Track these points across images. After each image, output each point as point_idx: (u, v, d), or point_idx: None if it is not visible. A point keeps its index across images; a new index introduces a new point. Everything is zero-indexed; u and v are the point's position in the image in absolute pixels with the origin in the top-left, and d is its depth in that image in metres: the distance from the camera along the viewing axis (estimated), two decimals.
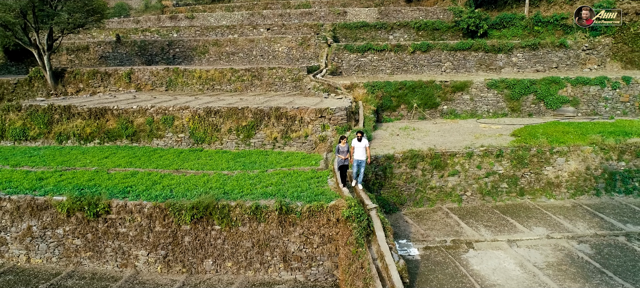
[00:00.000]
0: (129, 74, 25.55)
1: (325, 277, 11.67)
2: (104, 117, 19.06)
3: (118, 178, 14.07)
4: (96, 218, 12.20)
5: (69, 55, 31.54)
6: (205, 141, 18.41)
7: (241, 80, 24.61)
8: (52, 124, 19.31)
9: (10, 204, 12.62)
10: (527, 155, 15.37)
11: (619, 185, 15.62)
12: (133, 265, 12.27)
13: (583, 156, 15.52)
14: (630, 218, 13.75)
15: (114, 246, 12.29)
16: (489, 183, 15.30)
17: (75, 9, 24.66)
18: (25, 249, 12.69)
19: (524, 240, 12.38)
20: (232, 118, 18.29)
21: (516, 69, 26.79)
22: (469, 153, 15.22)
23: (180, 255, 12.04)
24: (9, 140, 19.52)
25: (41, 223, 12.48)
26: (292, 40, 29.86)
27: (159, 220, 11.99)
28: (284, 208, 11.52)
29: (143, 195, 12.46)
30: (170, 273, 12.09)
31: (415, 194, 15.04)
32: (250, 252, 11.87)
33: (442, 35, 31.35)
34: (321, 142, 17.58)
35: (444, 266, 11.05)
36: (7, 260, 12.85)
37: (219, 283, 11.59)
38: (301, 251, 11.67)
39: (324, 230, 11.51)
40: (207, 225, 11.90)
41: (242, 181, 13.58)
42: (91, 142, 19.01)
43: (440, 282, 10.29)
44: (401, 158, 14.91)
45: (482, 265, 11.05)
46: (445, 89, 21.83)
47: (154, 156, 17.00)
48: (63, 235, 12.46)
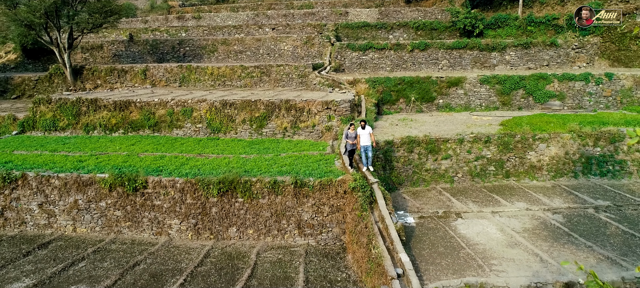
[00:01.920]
0: (145, 70, 27.70)
1: (334, 242, 13.82)
2: (128, 109, 21.20)
3: (148, 160, 16.22)
4: (134, 193, 14.34)
5: (84, 54, 33.70)
6: (221, 131, 20.57)
7: (250, 77, 26.78)
8: (79, 115, 21.45)
9: (58, 181, 14.77)
10: (512, 141, 17.55)
11: (595, 168, 17.79)
12: (167, 233, 14.41)
13: (562, 142, 17.71)
14: (601, 196, 15.92)
15: (150, 216, 14.43)
16: (478, 166, 17.47)
17: (95, 10, 26.82)
18: (72, 220, 14.82)
19: (505, 211, 14.55)
20: (246, 109, 20.46)
21: (509, 67, 28.98)
22: (460, 139, 17.41)
23: (209, 224, 14.19)
24: (40, 131, 21.64)
25: (86, 197, 14.62)
26: (297, 39, 32.04)
27: (189, 194, 14.13)
28: (298, 182, 13.68)
29: (174, 173, 14.62)
30: (199, 240, 14.24)
31: (412, 176, 17.21)
32: (269, 221, 14.01)
33: (440, 35, 33.59)
34: (327, 131, 19.75)
35: (435, 230, 13.21)
36: (55, 230, 14.99)
37: (242, 247, 13.73)
38: (313, 219, 13.82)
39: (333, 201, 13.67)
40: (231, 198, 14.05)
41: (259, 162, 15.74)
42: (116, 132, 21.16)
43: (431, 242, 12.45)
44: (399, 144, 17.09)
45: (468, 230, 13.21)
46: (441, 84, 24.03)
47: (175, 143, 19.15)
48: (105, 208, 14.60)
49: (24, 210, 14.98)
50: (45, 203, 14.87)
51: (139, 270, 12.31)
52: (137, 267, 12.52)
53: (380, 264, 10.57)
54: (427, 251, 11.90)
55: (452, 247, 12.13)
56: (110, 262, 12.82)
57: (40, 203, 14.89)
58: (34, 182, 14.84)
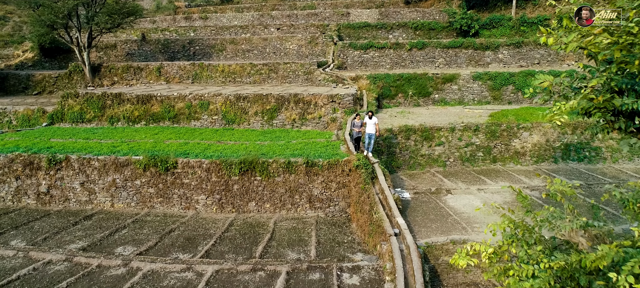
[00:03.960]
0: (159, 68, 30.15)
1: (340, 214, 16.27)
2: (149, 103, 23.66)
3: (174, 146, 18.66)
4: (166, 172, 16.78)
5: (98, 53, 36.15)
6: (235, 122, 23.03)
7: (259, 73, 29.24)
8: (105, 108, 23.90)
9: (98, 162, 17.21)
10: (498, 129, 20.03)
11: (573, 154, 20.27)
12: (194, 207, 16.85)
13: (544, 131, 20.19)
14: (576, 177, 18.39)
15: (180, 193, 16.87)
16: (467, 152, 19.94)
17: (113, 11, 29.28)
18: (110, 197, 17.25)
19: (489, 188, 17.02)
20: (258, 103, 22.92)
21: (502, 65, 31.48)
22: (452, 128, 19.88)
23: (231, 199, 16.62)
24: (68, 122, 24.08)
25: (123, 177, 17.06)
26: (301, 38, 34.53)
27: (214, 173, 16.58)
28: (309, 162, 16.14)
29: (200, 156, 17.06)
30: (223, 213, 16.68)
31: (409, 160, 19.67)
32: (283, 196, 16.46)
33: (438, 35, 36.13)
34: (332, 122, 22.21)
35: (428, 203, 15.67)
36: (95, 206, 17.42)
37: (261, 218, 16.18)
38: (322, 194, 16.27)
39: (340, 178, 16.12)
40: (250, 176, 16.49)
41: (273, 147, 18.19)
42: (138, 123, 23.60)
43: (424, 211, 14.91)
44: (398, 132, 19.56)
45: (456, 203, 15.67)
46: (437, 80, 26.53)
47: (195, 133, 21.60)
48: (140, 186, 17.03)
49: (68, 189, 17.40)
50: (86, 182, 17.31)
51: (175, 235, 14.74)
52: (172, 233, 14.96)
53: (380, 226, 13.01)
54: (420, 218, 14.37)
55: (441, 215, 14.59)
56: (149, 230, 15.26)
57: (81, 182, 17.32)
58: (76, 163, 17.28)
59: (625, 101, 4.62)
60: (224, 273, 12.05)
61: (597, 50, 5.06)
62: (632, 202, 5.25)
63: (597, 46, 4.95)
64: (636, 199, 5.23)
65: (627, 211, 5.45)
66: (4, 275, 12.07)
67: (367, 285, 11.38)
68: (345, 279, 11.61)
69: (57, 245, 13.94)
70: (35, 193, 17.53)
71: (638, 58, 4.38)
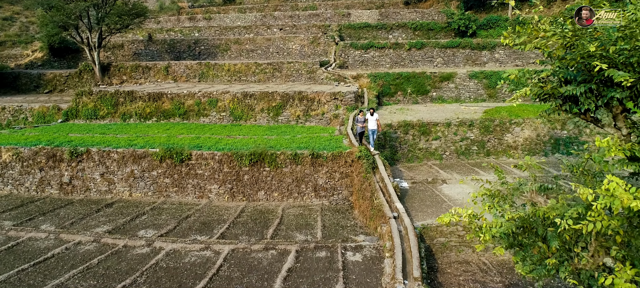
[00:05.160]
0: (167, 67, 31.61)
1: (344, 202, 17.74)
2: (160, 100, 25.12)
3: (187, 140, 20.11)
4: (181, 164, 18.23)
5: (106, 52, 37.60)
6: (242, 118, 24.49)
7: (264, 72, 30.71)
8: (118, 105, 25.36)
9: (117, 155, 18.66)
10: (492, 125, 21.51)
11: (562, 148, 21.74)
12: (207, 196, 18.30)
13: (534, 126, 21.67)
14: None
15: (193, 183, 18.32)
16: (462, 146, 21.42)
17: (123, 12, 30.75)
18: (128, 187, 18.70)
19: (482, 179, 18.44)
20: (264, 100, 24.39)
21: (498, 64, 32.98)
22: (448, 123, 21.36)
23: (242, 188, 18.08)
24: (82, 119, 25.53)
25: (141, 168, 18.51)
26: (303, 39, 36.03)
27: (226, 164, 18.04)
28: (314, 154, 17.60)
29: (212, 148, 18.51)
30: (234, 201, 18.13)
31: (407, 153, 21.15)
32: (290, 186, 17.92)
33: (436, 35, 37.65)
34: (335, 118, 23.68)
35: (424, 191, 17.14)
36: (114, 195, 18.87)
37: (270, 206, 17.63)
38: (327, 184, 17.73)
39: (343, 168, 17.59)
40: (260, 167, 17.95)
41: (280, 141, 19.65)
42: (150, 119, 25.06)
43: (420, 198, 16.38)
44: (397, 127, 21.04)
45: (450, 191, 17.14)
46: (435, 79, 28.02)
47: (205, 128, 23.05)
48: (156, 176, 18.48)
49: (88, 179, 18.85)
50: (105, 173, 18.76)
51: (191, 220, 16.20)
52: (188, 218, 16.41)
53: (380, 210, 14.48)
54: (417, 204, 15.84)
55: (436, 201, 16.06)
56: (167, 216, 16.71)
57: (101, 173, 18.78)
58: (96, 155, 18.73)
59: (568, 88, 6.06)
60: (239, 251, 13.50)
61: (547, 49, 6.51)
62: (576, 168, 6.73)
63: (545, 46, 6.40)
64: (579, 166, 6.71)
65: (573, 175, 6.92)
66: (41, 253, 13.52)
67: (369, 262, 12.83)
68: (349, 256, 13.06)
69: (84, 229, 15.40)
70: (58, 183, 18.98)
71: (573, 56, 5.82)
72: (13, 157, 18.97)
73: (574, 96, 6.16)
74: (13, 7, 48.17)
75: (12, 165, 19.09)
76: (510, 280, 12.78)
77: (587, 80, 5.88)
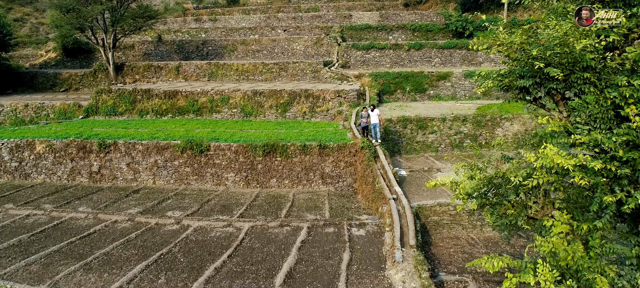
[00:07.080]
0: (178, 67, 33.83)
1: (348, 188, 19.96)
2: (175, 97, 27.33)
3: (204, 134, 22.32)
4: (200, 154, 20.44)
5: (117, 52, 39.78)
6: (252, 114, 26.71)
7: (270, 72, 32.94)
8: (135, 102, 27.57)
9: (141, 146, 20.86)
10: (484, 120, 23.76)
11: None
12: (224, 184, 20.51)
13: (523, 121, 23.92)
14: None
15: (212, 172, 20.52)
16: (457, 139, 23.66)
17: (137, 15, 32.99)
18: (152, 175, 20.91)
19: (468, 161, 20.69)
20: (273, 97, 26.62)
21: (493, 64, 35.21)
22: (443, 118, 23.61)
23: (256, 176, 20.28)
24: (102, 115, 27.73)
25: (163, 158, 20.71)
26: (307, 40, 38.27)
27: (242, 154, 20.25)
28: (322, 145, 19.82)
29: (229, 140, 20.73)
30: (249, 188, 20.35)
31: (406, 146, 23.38)
32: (300, 174, 20.13)
33: (435, 36, 39.91)
34: (338, 115, 25.91)
35: (420, 178, 19.39)
36: (139, 183, 21.07)
37: (281, 192, 19.85)
38: (333, 172, 19.95)
39: (347, 158, 19.81)
40: (272, 157, 20.16)
41: (289, 134, 21.87)
42: (165, 116, 27.27)
43: (417, 184, 18.61)
44: (396, 121, 23.28)
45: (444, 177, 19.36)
46: (432, 78, 30.27)
47: (218, 124, 25.27)
48: (178, 166, 20.69)
49: (115, 168, 21.05)
50: (131, 163, 20.96)
51: (212, 204, 18.41)
52: (209, 202, 18.62)
53: (381, 193, 16.71)
54: (414, 188, 18.08)
55: None
56: (189, 200, 18.92)
57: (127, 163, 20.98)
58: (123, 147, 20.94)
59: (521, 82, 8.27)
60: (258, 228, 15.72)
61: (507, 52, 8.74)
62: (528, 140, 8.98)
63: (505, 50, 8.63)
64: (529, 138, 8.96)
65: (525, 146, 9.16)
66: (84, 230, 15.72)
67: (371, 236, 15.04)
68: (354, 232, 15.27)
69: (117, 210, 17.61)
70: (87, 172, 21.19)
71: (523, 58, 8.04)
72: (46, 148, 21.18)
73: (526, 87, 8.40)
74: (24, 9, 50.40)
75: (46, 156, 21.30)
76: (495, 251, 15.03)
77: (533, 76, 8.13)
